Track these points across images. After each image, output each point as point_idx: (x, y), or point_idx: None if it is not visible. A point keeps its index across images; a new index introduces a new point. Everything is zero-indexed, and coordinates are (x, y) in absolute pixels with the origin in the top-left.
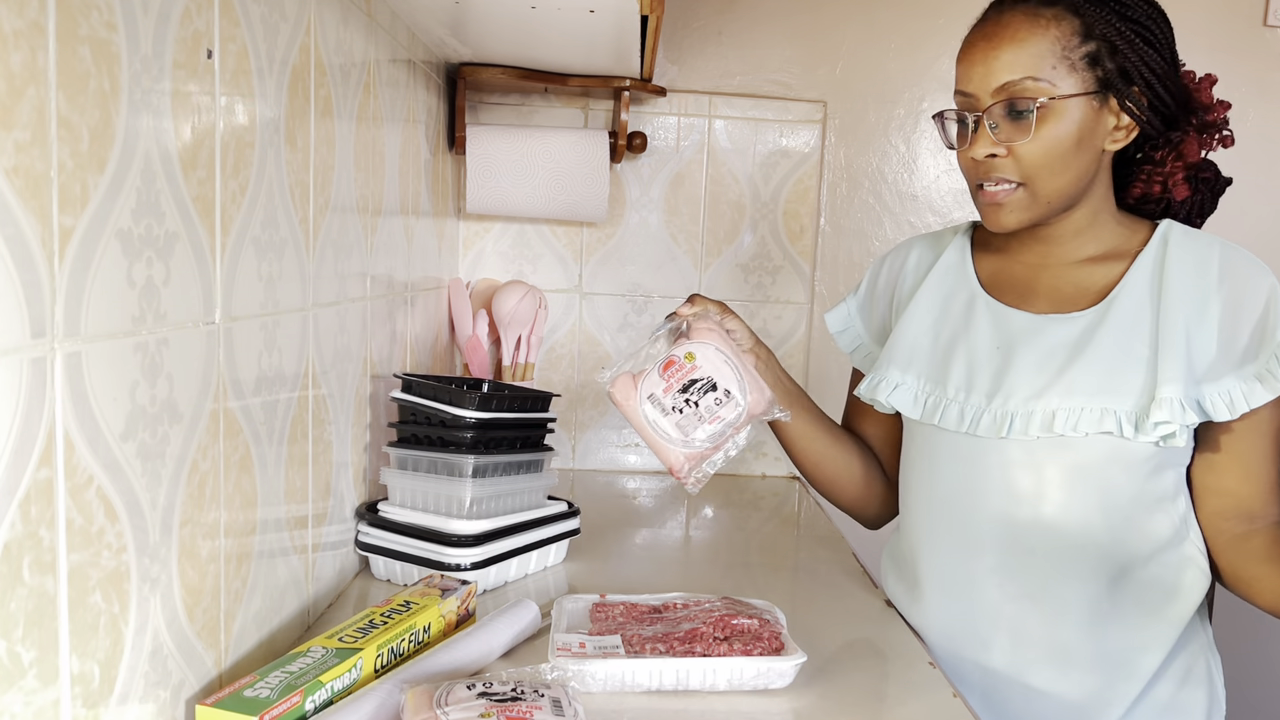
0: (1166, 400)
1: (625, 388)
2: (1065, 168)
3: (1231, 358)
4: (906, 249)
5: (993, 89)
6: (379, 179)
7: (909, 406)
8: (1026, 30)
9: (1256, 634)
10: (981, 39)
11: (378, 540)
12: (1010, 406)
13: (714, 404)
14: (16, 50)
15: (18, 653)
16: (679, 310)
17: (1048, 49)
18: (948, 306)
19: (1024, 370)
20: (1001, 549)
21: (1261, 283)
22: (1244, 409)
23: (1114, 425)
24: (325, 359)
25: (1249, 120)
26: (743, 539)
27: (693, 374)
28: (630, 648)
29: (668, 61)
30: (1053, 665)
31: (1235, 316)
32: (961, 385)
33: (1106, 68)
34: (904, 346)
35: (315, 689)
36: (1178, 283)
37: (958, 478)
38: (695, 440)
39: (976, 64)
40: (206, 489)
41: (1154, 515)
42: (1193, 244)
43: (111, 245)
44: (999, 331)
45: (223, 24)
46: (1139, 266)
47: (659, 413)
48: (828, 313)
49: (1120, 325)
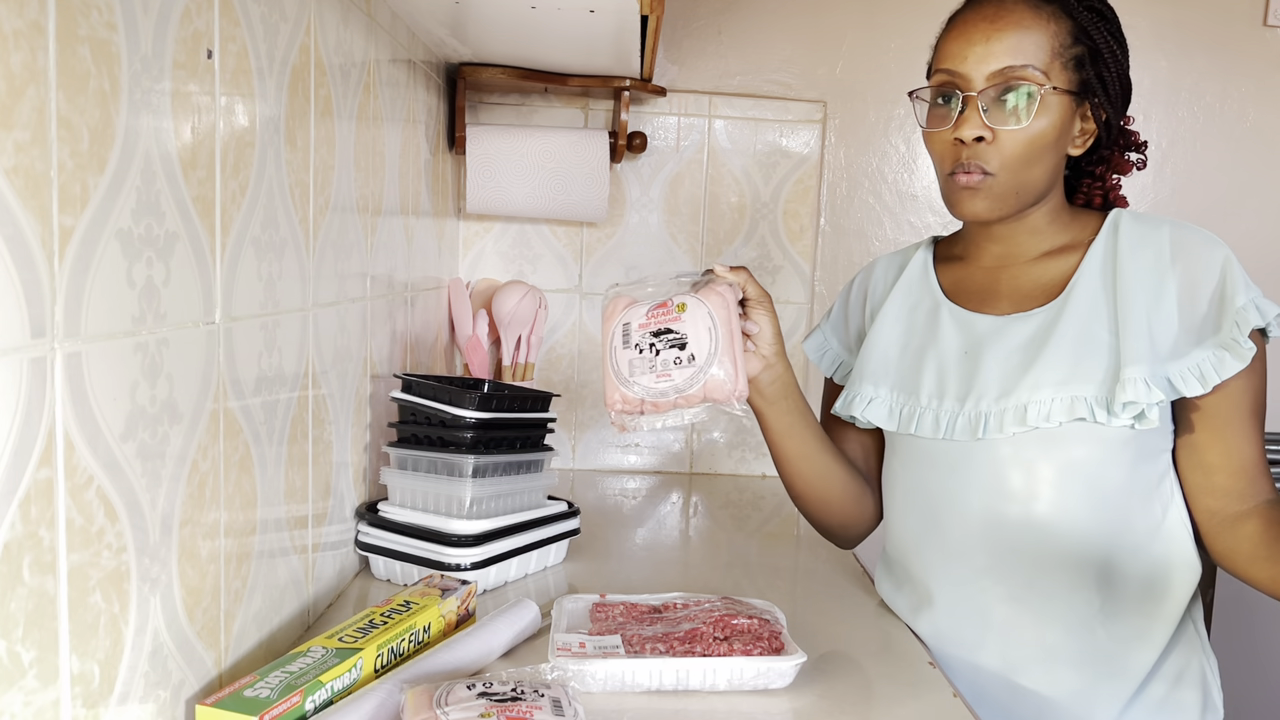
0: (1131, 380)
1: (614, 306)
2: (1040, 161)
3: (1194, 332)
4: (871, 266)
5: (990, 72)
6: (379, 179)
7: (884, 419)
8: (1031, 19)
9: (1253, 637)
10: (982, 20)
11: (378, 540)
12: (982, 408)
13: (672, 361)
14: (16, 50)
15: (18, 653)
16: (716, 268)
17: (1046, 42)
18: (913, 318)
19: (992, 371)
20: (989, 550)
21: (1215, 254)
22: (1216, 380)
23: (1085, 411)
24: (325, 359)
25: (1249, 120)
26: (743, 539)
27: (672, 324)
28: (630, 648)
29: (668, 61)
30: (1044, 664)
31: (1192, 292)
32: (933, 393)
33: (1088, 73)
34: (874, 360)
35: (315, 689)
36: (1131, 266)
37: (940, 483)
38: (635, 385)
39: (975, 43)
40: (206, 489)
41: (1140, 507)
42: (1142, 227)
43: (111, 245)
44: (965, 337)
45: (223, 24)
46: (1092, 256)
47: (622, 342)
48: (805, 342)
49: (1079, 314)
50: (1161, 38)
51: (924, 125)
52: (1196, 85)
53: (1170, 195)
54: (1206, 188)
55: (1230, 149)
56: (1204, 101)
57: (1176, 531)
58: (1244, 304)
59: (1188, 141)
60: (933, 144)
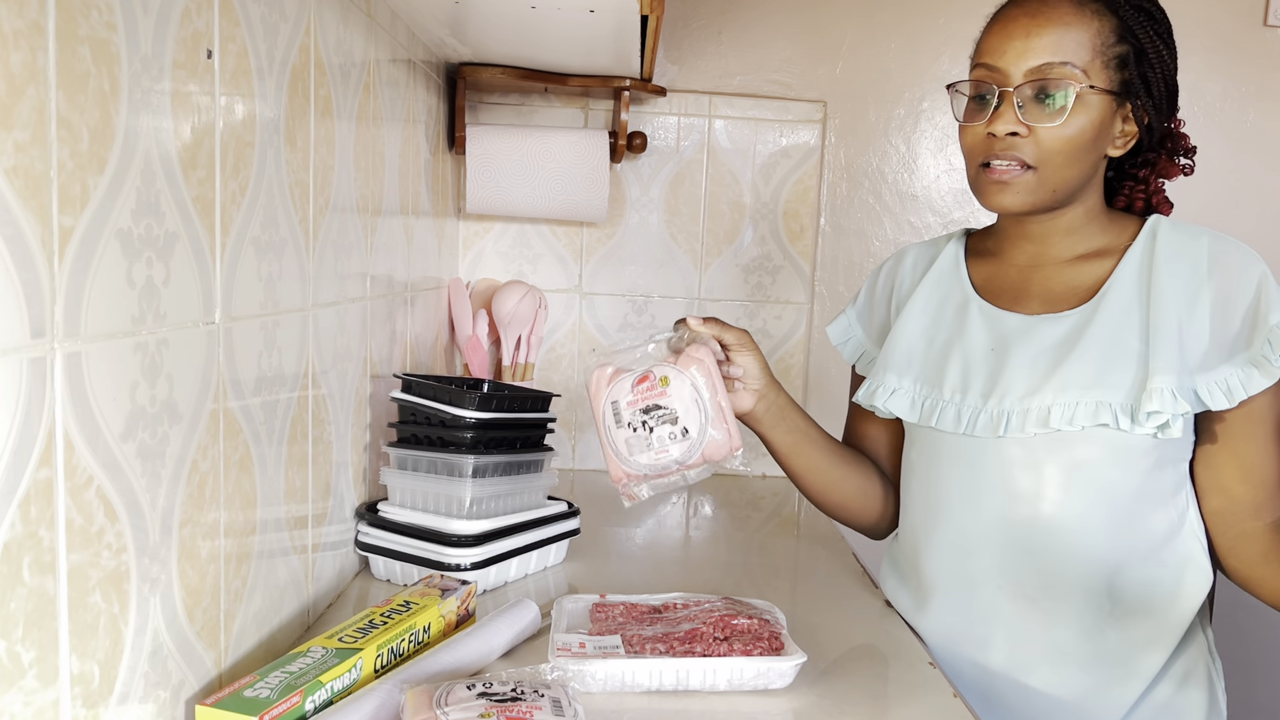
0: (1158, 390)
1: (600, 381)
2: (1078, 160)
3: (1225, 346)
4: (901, 254)
5: (1028, 68)
6: (379, 179)
7: (906, 410)
8: (1074, 16)
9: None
10: (1024, 15)
11: (378, 540)
12: (1005, 406)
13: (667, 438)
14: (16, 50)
15: (18, 653)
16: (689, 321)
17: (1088, 40)
18: (941, 311)
19: (1018, 369)
20: (1001, 549)
21: (1252, 270)
22: (1242, 396)
23: (1109, 417)
24: (325, 359)
25: (1249, 120)
26: (743, 539)
27: (660, 399)
28: (630, 648)
29: (668, 61)
30: (1052, 666)
31: (1227, 306)
32: (957, 387)
33: (1131, 73)
34: (899, 351)
35: (315, 689)
36: (1167, 275)
37: (957, 479)
38: (636, 463)
39: (1015, 38)
40: (206, 489)
41: (1154, 513)
42: (1181, 236)
43: (111, 245)
44: (993, 333)
45: (223, 24)
46: (1128, 262)
47: (614, 422)
48: (829, 325)
49: (1110, 320)
50: None
51: (959, 118)
52: (1196, 85)
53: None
54: (1206, 188)
55: (1230, 149)
56: (1204, 101)
57: (1190, 540)
58: (1277, 322)
59: None
60: (965, 137)
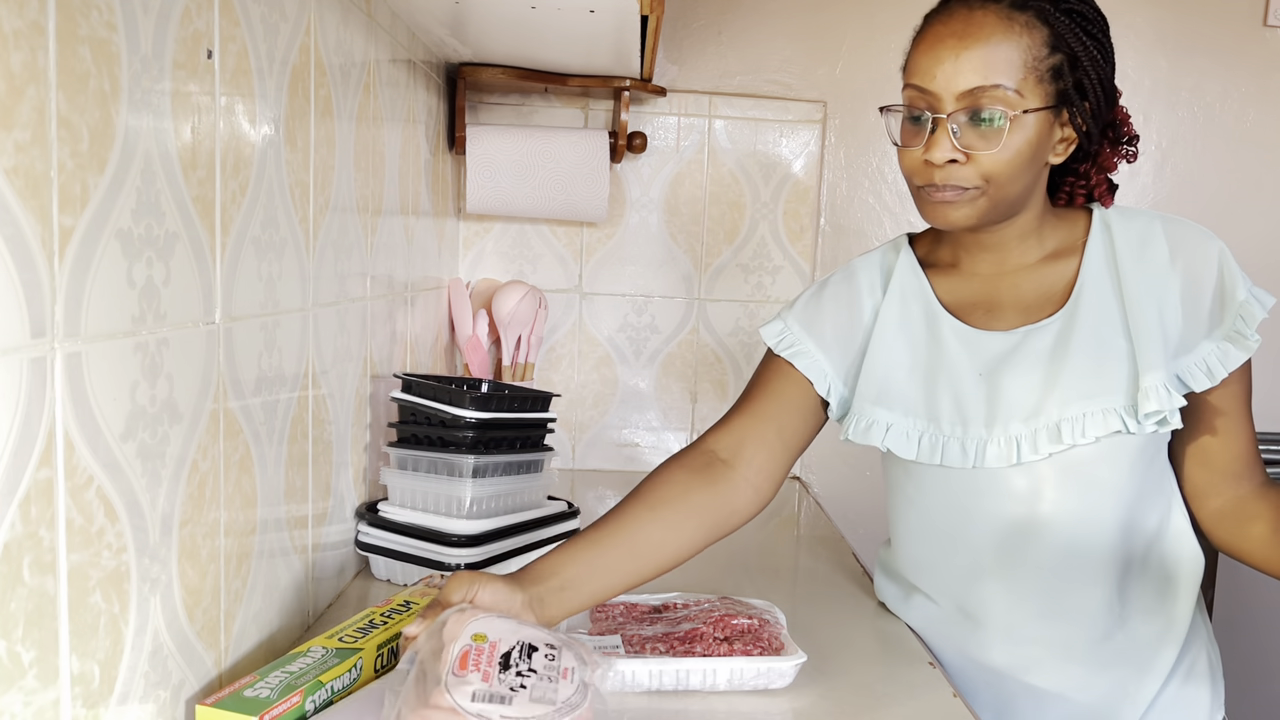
0: (1153, 388)
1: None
2: (1020, 177)
3: (1199, 327)
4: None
5: (959, 91)
6: (379, 179)
7: (904, 448)
8: (1001, 34)
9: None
10: (950, 36)
11: (378, 540)
12: (1012, 431)
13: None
14: (16, 50)
15: (18, 653)
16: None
17: (1019, 57)
18: (913, 334)
19: (1014, 391)
20: (1011, 569)
21: (1210, 250)
22: (1223, 374)
23: (1119, 423)
24: (325, 359)
25: (1249, 120)
26: (743, 539)
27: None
28: (630, 648)
29: (668, 61)
30: (1067, 673)
31: (1195, 288)
32: (955, 419)
33: (1066, 82)
34: (876, 380)
35: (315, 689)
36: (1134, 268)
37: (962, 507)
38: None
39: (944, 61)
40: (206, 489)
41: (1150, 504)
42: (1133, 224)
43: (111, 245)
44: (975, 357)
45: (223, 24)
46: (1091, 258)
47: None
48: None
49: (1091, 322)
50: (1161, 38)
51: (896, 141)
52: (1196, 85)
53: (1170, 195)
54: (1206, 188)
55: (1230, 149)
56: (1204, 101)
57: (1180, 524)
58: (1245, 298)
59: (1188, 141)
60: (904, 159)
